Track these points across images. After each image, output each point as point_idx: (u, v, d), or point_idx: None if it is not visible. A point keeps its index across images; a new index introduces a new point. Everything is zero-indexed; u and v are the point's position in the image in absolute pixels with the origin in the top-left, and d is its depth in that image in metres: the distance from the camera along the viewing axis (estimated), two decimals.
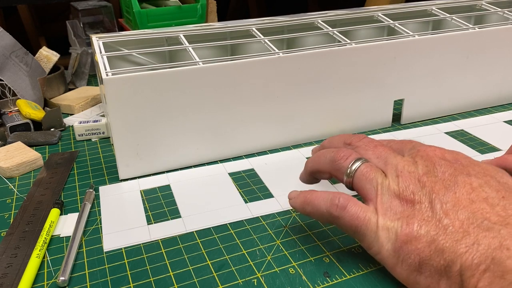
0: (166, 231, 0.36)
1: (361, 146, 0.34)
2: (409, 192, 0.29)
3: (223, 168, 0.46)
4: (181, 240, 0.35)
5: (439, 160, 0.30)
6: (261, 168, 0.46)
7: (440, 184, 0.28)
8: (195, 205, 0.40)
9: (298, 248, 0.34)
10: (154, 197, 0.41)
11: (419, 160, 0.30)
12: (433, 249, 0.26)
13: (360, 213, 0.29)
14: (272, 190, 0.42)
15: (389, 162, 0.31)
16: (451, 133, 0.52)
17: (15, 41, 0.62)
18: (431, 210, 0.27)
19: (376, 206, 0.30)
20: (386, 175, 0.30)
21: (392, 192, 0.29)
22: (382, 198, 0.29)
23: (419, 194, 0.28)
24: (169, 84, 0.43)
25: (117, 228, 0.37)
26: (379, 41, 0.50)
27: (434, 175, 0.29)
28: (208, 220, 0.38)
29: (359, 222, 0.29)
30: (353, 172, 0.32)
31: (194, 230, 0.36)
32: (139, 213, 0.39)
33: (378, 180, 0.30)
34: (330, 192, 0.32)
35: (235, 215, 0.38)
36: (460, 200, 0.27)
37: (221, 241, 0.35)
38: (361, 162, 0.32)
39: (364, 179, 0.31)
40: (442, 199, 0.27)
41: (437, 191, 0.28)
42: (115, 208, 0.40)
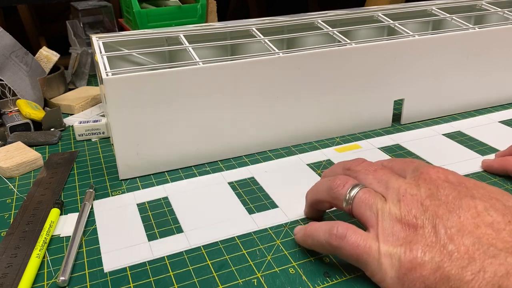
0: (169, 247, 0.35)
1: (361, 171, 0.33)
2: (412, 216, 0.28)
3: (222, 177, 0.45)
4: (186, 252, 0.35)
5: (443, 183, 0.29)
6: (261, 176, 0.44)
7: (444, 207, 0.28)
8: (196, 218, 0.38)
9: (298, 248, 0.34)
10: (152, 211, 0.39)
11: (422, 183, 0.30)
12: (438, 276, 0.25)
13: (361, 241, 0.29)
14: (275, 200, 0.40)
15: (391, 186, 0.30)
16: (449, 135, 0.52)
17: (15, 41, 0.62)
18: (435, 235, 0.27)
19: (377, 233, 0.29)
20: (387, 200, 0.30)
21: (394, 217, 0.28)
22: (383, 224, 0.29)
23: (422, 218, 0.28)
24: (169, 84, 0.43)
25: (116, 246, 0.35)
26: (379, 41, 0.50)
27: (437, 198, 0.28)
28: (212, 234, 0.36)
29: (359, 251, 0.29)
30: (351, 199, 0.31)
31: (199, 245, 0.35)
32: (138, 229, 0.37)
33: (378, 205, 0.30)
34: (329, 222, 0.31)
35: (241, 228, 0.37)
36: (465, 225, 0.26)
37: (221, 242, 0.35)
38: (359, 188, 0.31)
39: (363, 205, 0.30)
40: (446, 224, 0.27)
41: (441, 215, 0.27)
42: (111, 223, 0.38)
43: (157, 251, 0.34)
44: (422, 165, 0.32)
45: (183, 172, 0.46)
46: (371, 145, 0.50)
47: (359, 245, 0.29)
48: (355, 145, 0.50)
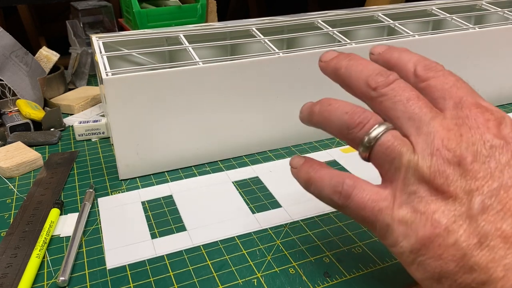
0: (171, 245, 0.35)
1: (389, 96, 0.25)
2: (443, 179, 0.22)
3: (227, 176, 0.45)
4: (186, 251, 0.35)
5: (492, 138, 0.22)
6: (266, 176, 0.44)
7: (487, 174, 0.21)
8: (200, 217, 0.38)
9: (298, 248, 0.34)
10: (157, 209, 0.40)
11: (465, 133, 0.23)
12: (460, 264, 0.21)
13: (368, 202, 0.24)
14: (279, 199, 0.40)
15: (424, 129, 0.23)
16: None
17: (15, 41, 0.62)
18: (467, 211, 0.21)
19: (394, 192, 0.24)
20: (416, 149, 0.23)
21: (421, 175, 0.22)
22: (405, 182, 0.23)
23: (456, 185, 0.22)
24: (169, 84, 0.43)
25: (119, 243, 0.35)
26: (379, 41, 0.50)
27: (481, 160, 0.22)
28: (215, 233, 0.36)
29: (365, 213, 0.24)
30: (372, 143, 0.24)
31: (201, 244, 0.35)
32: (142, 226, 0.37)
33: (404, 158, 0.23)
34: (336, 173, 0.26)
35: (244, 227, 0.37)
36: (510, 203, 0.21)
37: (221, 242, 0.35)
38: (384, 130, 0.24)
39: (384, 155, 0.24)
40: (485, 199, 0.21)
41: (481, 185, 0.21)
42: (116, 221, 0.38)
43: (160, 249, 0.35)
44: (469, 101, 0.24)
45: (183, 172, 0.46)
46: None
47: (366, 207, 0.24)
48: None
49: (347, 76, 0.27)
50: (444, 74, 0.26)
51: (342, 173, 0.26)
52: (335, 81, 0.28)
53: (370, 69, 0.26)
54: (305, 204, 0.39)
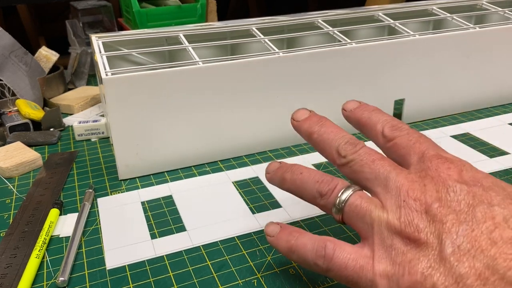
0: (171, 246, 0.35)
1: (356, 161, 0.27)
2: (413, 228, 0.23)
3: (227, 176, 0.45)
4: (185, 251, 0.35)
5: (454, 184, 0.24)
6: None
7: (454, 217, 0.23)
8: (200, 217, 0.38)
9: None
10: (156, 209, 0.40)
11: (429, 182, 0.24)
12: None
13: (350, 261, 0.25)
14: (279, 200, 0.40)
15: (390, 185, 0.25)
16: (457, 137, 0.51)
17: (15, 41, 0.62)
18: (440, 255, 0.22)
19: (372, 248, 0.25)
20: (384, 206, 0.25)
21: (392, 228, 0.24)
22: (379, 238, 0.24)
23: (426, 232, 0.23)
24: (169, 84, 0.42)
25: (119, 243, 0.35)
26: (379, 40, 0.50)
27: (446, 204, 0.23)
28: (215, 233, 0.36)
29: (348, 273, 0.25)
30: (342, 206, 0.26)
31: (201, 244, 0.35)
32: (142, 227, 0.37)
33: (373, 214, 0.25)
34: (316, 238, 0.27)
35: (243, 227, 0.36)
36: (478, 241, 0.21)
37: (221, 242, 0.35)
38: (351, 192, 0.26)
39: (355, 215, 0.26)
40: (455, 240, 0.22)
41: (449, 228, 0.22)
42: (115, 221, 0.38)
43: (160, 249, 0.34)
44: (430, 153, 0.26)
45: (183, 172, 0.46)
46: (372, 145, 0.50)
47: (348, 266, 0.25)
48: None
49: (320, 143, 0.30)
50: (408, 132, 0.28)
51: (322, 237, 0.27)
52: (308, 142, 0.31)
53: (339, 137, 0.29)
54: (305, 204, 0.39)
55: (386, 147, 0.29)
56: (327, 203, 0.27)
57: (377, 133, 0.29)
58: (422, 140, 0.27)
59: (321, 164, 0.46)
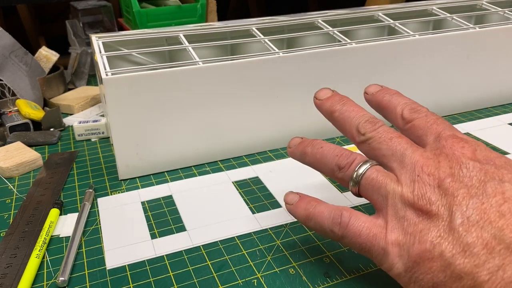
0: (171, 245, 0.35)
1: (374, 138, 0.28)
2: (426, 201, 0.24)
3: (227, 176, 0.45)
4: (186, 251, 0.35)
5: (467, 161, 0.25)
6: (266, 175, 0.44)
7: (465, 191, 0.24)
8: (200, 217, 0.38)
9: (298, 248, 0.34)
10: (156, 209, 0.40)
11: (443, 160, 0.26)
12: (448, 274, 0.23)
13: (363, 229, 0.26)
14: (279, 200, 0.40)
15: (406, 161, 0.26)
16: None
17: (15, 41, 0.62)
18: (449, 225, 0.23)
19: (386, 219, 0.26)
20: (399, 179, 0.26)
21: (406, 201, 0.25)
22: (393, 209, 0.26)
23: (437, 204, 0.24)
24: (169, 84, 0.42)
25: (119, 243, 0.35)
26: (379, 41, 0.50)
27: (458, 179, 0.24)
28: (215, 233, 0.36)
29: (362, 240, 0.26)
30: (359, 179, 0.28)
31: (201, 244, 0.35)
32: (142, 227, 0.37)
33: (388, 187, 0.26)
34: (333, 207, 0.29)
35: (243, 227, 0.36)
36: (487, 213, 0.23)
37: (221, 242, 0.35)
38: (369, 165, 0.28)
39: (371, 187, 0.27)
40: (465, 212, 0.23)
41: (460, 201, 0.24)
42: (115, 221, 0.38)
43: (160, 249, 0.34)
44: (446, 133, 0.27)
45: (183, 172, 0.46)
46: None
47: (362, 234, 0.26)
48: None
49: (341, 121, 0.31)
50: (426, 115, 0.29)
51: (339, 206, 0.29)
52: (329, 120, 0.32)
53: (360, 116, 0.30)
54: None
55: (405, 129, 0.29)
56: (345, 176, 0.29)
57: (397, 115, 0.30)
58: (439, 122, 0.29)
59: None
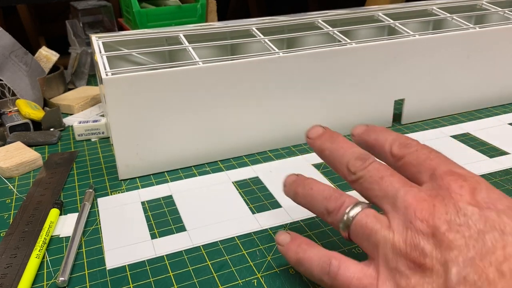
0: (171, 246, 0.35)
1: (365, 178, 0.27)
2: (419, 251, 0.22)
3: (227, 176, 0.45)
4: (186, 251, 0.35)
5: (465, 206, 0.23)
6: (266, 176, 0.44)
7: (462, 243, 0.21)
8: (200, 217, 0.38)
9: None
10: (156, 209, 0.40)
11: (438, 203, 0.23)
12: None
13: (354, 280, 0.25)
14: (280, 200, 0.40)
15: (398, 204, 0.24)
16: (457, 137, 0.51)
17: (15, 41, 0.62)
18: (445, 284, 0.21)
19: (377, 269, 0.24)
20: (391, 225, 0.24)
21: (398, 251, 0.23)
22: (384, 259, 0.24)
23: (432, 257, 0.22)
24: (169, 84, 0.42)
25: (119, 243, 0.35)
26: (379, 41, 0.50)
27: (455, 229, 0.22)
28: (215, 233, 0.36)
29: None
30: (349, 223, 0.26)
31: (201, 244, 0.35)
32: (142, 227, 0.37)
33: (379, 235, 0.24)
34: (323, 253, 0.27)
35: (243, 228, 0.36)
36: (486, 273, 0.20)
37: (221, 242, 0.35)
38: (359, 209, 0.26)
39: (361, 234, 0.25)
40: (462, 270, 0.21)
41: (456, 256, 0.21)
42: (116, 221, 0.38)
43: (160, 249, 0.34)
44: (442, 170, 0.25)
45: (183, 172, 0.46)
46: None
47: (351, 285, 0.25)
48: None
49: (331, 160, 0.30)
50: (417, 149, 0.27)
51: (328, 252, 0.27)
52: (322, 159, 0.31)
53: (349, 153, 0.28)
54: None
55: (397, 166, 0.28)
56: (334, 220, 0.27)
57: (386, 153, 0.28)
58: (432, 156, 0.26)
59: (320, 164, 0.46)
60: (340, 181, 0.43)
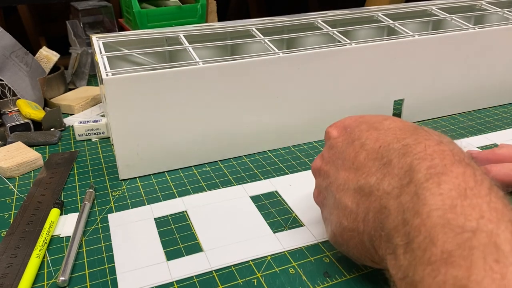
0: (187, 269, 0.32)
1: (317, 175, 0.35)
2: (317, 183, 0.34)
3: (244, 190, 0.42)
4: (185, 249, 0.35)
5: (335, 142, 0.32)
6: (285, 190, 0.42)
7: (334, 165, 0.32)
8: (217, 237, 0.35)
9: (298, 248, 0.34)
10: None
11: (326, 151, 0.33)
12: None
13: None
14: (301, 218, 0.37)
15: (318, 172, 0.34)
16: (485, 148, 0.47)
17: (15, 41, 0.62)
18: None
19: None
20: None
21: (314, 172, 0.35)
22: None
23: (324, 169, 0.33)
24: (169, 84, 0.43)
25: (132, 265, 0.33)
26: (379, 41, 0.50)
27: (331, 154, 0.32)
28: (233, 256, 0.33)
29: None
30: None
31: (218, 267, 0.32)
32: (156, 247, 0.34)
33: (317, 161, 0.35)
34: None
35: (264, 249, 0.34)
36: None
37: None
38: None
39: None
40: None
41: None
42: (127, 241, 0.35)
43: (175, 273, 0.32)
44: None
45: (183, 172, 0.46)
46: None
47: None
48: None
49: None
50: None
51: None
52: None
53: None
54: (308, 205, 0.39)
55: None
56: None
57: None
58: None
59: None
60: None
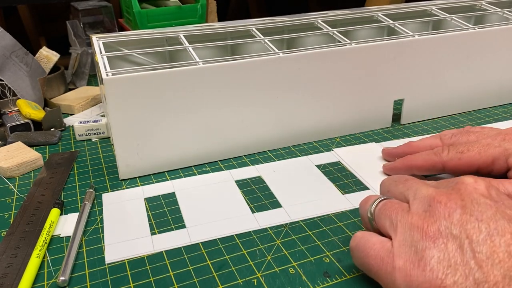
0: (170, 242, 0.35)
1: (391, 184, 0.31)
2: (435, 228, 0.24)
3: (230, 175, 0.45)
4: (185, 249, 0.35)
5: (479, 197, 0.25)
6: (269, 175, 0.44)
7: (475, 225, 0.24)
8: (200, 215, 0.38)
9: (298, 248, 0.34)
10: (159, 205, 0.40)
11: (455, 194, 0.26)
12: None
13: (371, 251, 0.27)
14: (280, 200, 0.40)
15: (419, 194, 0.27)
16: None
17: (15, 41, 0.62)
18: (461, 256, 0.23)
19: (393, 243, 0.26)
20: (411, 209, 0.27)
21: (415, 227, 0.25)
22: (402, 235, 0.25)
23: (447, 233, 0.24)
24: (169, 84, 0.43)
25: (119, 238, 0.36)
26: (379, 41, 0.50)
27: (469, 213, 0.24)
28: (214, 231, 0.36)
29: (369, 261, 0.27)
30: (373, 211, 0.29)
31: (200, 241, 0.35)
32: (143, 223, 0.38)
33: (399, 215, 0.27)
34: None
35: (242, 226, 0.37)
36: (497, 252, 0.22)
37: (221, 242, 0.35)
38: (381, 199, 0.29)
39: (383, 216, 0.28)
40: (476, 246, 0.23)
41: (470, 234, 0.23)
42: (118, 216, 0.39)
43: (159, 245, 0.35)
44: (465, 177, 0.27)
45: (183, 172, 0.46)
46: None
47: (369, 255, 0.26)
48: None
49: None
50: None
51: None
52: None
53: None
54: (305, 204, 0.39)
55: None
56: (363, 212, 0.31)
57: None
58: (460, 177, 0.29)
59: (321, 165, 0.46)
60: (338, 181, 0.43)
